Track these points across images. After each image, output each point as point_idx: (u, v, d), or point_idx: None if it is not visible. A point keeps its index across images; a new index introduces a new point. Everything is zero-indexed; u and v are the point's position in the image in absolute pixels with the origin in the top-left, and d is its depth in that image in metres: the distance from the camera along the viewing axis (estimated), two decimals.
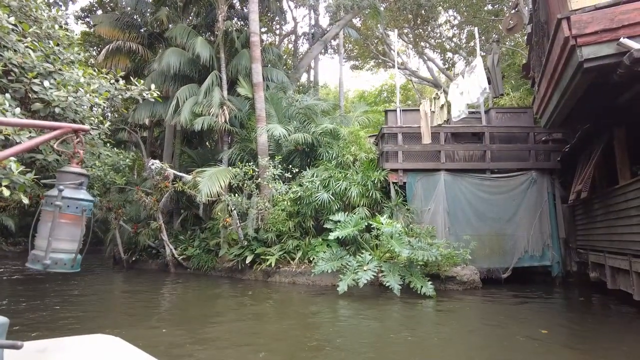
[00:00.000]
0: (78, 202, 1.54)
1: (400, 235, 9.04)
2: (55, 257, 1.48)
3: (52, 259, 1.47)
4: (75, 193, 1.55)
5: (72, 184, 1.56)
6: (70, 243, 1.54)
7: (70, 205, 1.52)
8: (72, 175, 1.58)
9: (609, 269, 7.71)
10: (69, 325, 6.44)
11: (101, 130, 6.74)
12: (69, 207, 1.52)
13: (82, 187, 1.59)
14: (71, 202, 1.52)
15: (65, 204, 1.50)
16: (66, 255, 1.52)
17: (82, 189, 1.59)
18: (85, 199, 1.57)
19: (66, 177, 1.57)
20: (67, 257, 1.53)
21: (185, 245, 13.72)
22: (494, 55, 10.43)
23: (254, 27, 13.36)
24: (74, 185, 1.56)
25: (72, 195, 1.54)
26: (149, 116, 16.03)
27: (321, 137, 12.94)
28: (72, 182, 1.56)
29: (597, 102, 6.99)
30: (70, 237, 1.53)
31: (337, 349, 5.12)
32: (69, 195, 1.52)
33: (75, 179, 1.58)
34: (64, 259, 1.51)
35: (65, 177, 1.57)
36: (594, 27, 5.12)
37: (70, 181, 1.56)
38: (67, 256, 1.53)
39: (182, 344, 5.30)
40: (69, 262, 1.53)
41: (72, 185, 1.56)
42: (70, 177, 1.57)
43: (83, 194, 1.58)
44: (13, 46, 4.97)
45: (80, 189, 1.58)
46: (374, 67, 28.97)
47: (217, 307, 8.21)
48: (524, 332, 5.77)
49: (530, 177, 10.38)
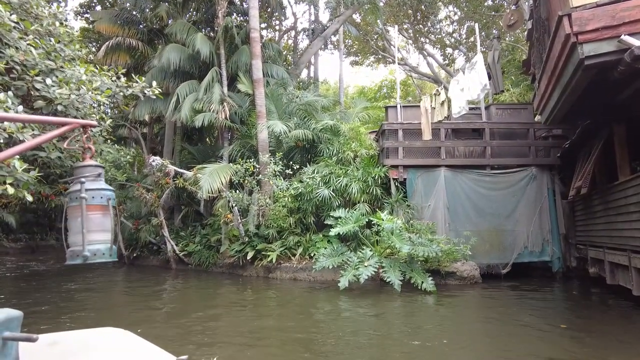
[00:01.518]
0: (102, 192, 1.57)
1: (401, 231, 9.08)
2: (92, 248, 1.51)
3: (90, 250, 1.50)
4: (97, 184, 1.58)
5: (91, 176, 1.58)
6: (104, 233, 1.57)
7: (95, 195, 1.55)
8: (90, 168, 1.60)
9: (608, 265, 7.75)
10: (72, 320, 6.49)
11: (102, 127, 6.76)
12: (94, 198, 1.54)
13: (100, 177, 1.62)
14: (95, 193, 1.55)
15: (90, 196, 1.52)
16: (102, 245, 1.55)
17: (101, 179, 1.62)
18: (107, 189, 1.60)
19: (84, 171, 1.59)
20: (104, 246, 1.56)
21: (187, 241, 13.76)
22: (494, 52, 10.43)
23: (254, 23, 13.33)
24: (93, 177, 1.59)
25: (94, 186, 1.56)
26: (149, 113, 16.01)
27: (321, 134, 12.95)
28: (91, 174, 1.59)
29: (597, 98, 7.00)
30: (102, 227, 1.56)
31: (338, 343, 5.17)
32: (92, 187, 1.55)
33: (93, 171, 1.60)
34: (102, 249, 1.54)
35: (83, 171, 1.59)
36: (595, 24, 5.12)
37: (89, 173, 1.59)
38: (103, 246, 1.56)
39: (184, 339, 5.34)
40: (106, 252, 1.56)
41: (92, 177, 1.58)
42: (87, 171, 1.60)
43: (104, 184, 1.61)
44: (15, 44, 4.97)
45: (99, 180, 1.61)
46: (374, 63, 28.89)
47: (218, 302, 8.26)
48: (524, 325, 5.83)
49: (530, 173, 10.41)
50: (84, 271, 13.04)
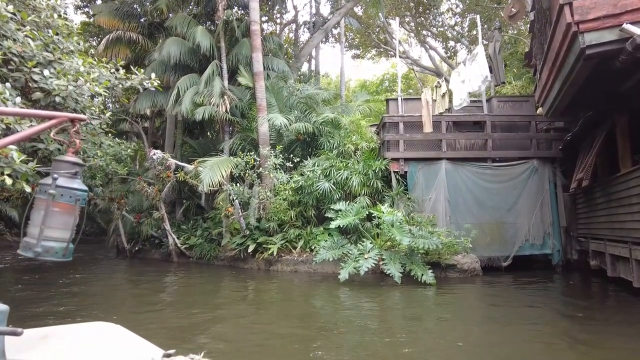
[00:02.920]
0: (72, 192, 1.53)
1: (401, 224, 9.07)
2: (46, 245, 1.48)
3: (43, 247, 1.47)
4: (70, 182, 1.54)
5: (67, 173, 1.55)
6: (63, 232, 1.53)
7: (64, 194, 1.51)
8: (67, 164, 1.57)
9: (609, 257, 7.74)
10: (72, 313, 6.53)
11: (102, 120, 6.76)
12: (62, 196, 1.51)
13: (77, 176, 1.58)
14: (65, 191, 1.51)
15: (59, 193, 1.49)
16: (58, 243, 1.51)
17: (77, 178, 1.58)
18: (79, 189, 1.56)
19: (61, 166, 1.56)
20: (58, 245, 1.52)
21: (188, 234, 13.79)
22: (495, 43, 10.35)
23: (255, 15, 13.25)
24: (68, 174, 1.55)
25: (66, 184, 1.53)
26: (150, 106, 15.99)
27: (322, 127, 12.92)
28: (67, 171, 1.55)
29: (599, 89, 6.95)
30: (62, 225, 1.52)
31: (338, 335, 5.18)
32: (63, 184, 1.51)
33: (70, 168, 1.57)
34: (56, 247, 1.51)
35: (60, 166, 1.56)
36: (596, 13, 5.07)
37: (65, 170, 1.55)
38: (58, 245, 1.52)
39: (186, 331, 5.37)
40: (60, 251, 1.52)
41: (67, 175, 1.54)
42: (65, 166, 1.56)
43: (77, 184, 1.57)
44: (12, 35, 4.96)
45: (75, 179, 1.57)
46: (375, 56, 28.72)
47: (220, 295, 8.30)
48: (524, 318, 5.83)
49: (532, 165, 10.36)
50: (86, 264, 13.11)
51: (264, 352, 4.62)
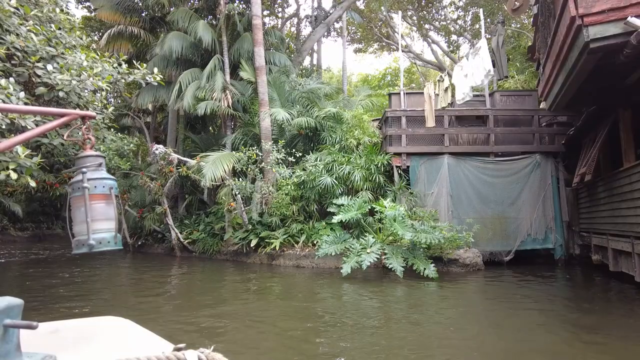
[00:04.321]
0: (104, 182, 1.59)
1: (404, 219, 9.09)
2: (97, 237, 1.53)
3: (95, 239, 1.52)
4: (98, 173, 1.60)
5: (92, 166, 1.60)
6: (108, 222, 1.59)
7: (97, 185, 1.57)
8: (91, 159, 1.62)
9: (612, 252, 7.74)
10: (76, 307, 6.58)
11: (105, 115, 6.77)
12: (96, 188, 1.56)
13: (101, 167, 1.64)
14: (97, 182, 1.57)
15: (92, 185, 1.55)
16: (107, 233, 1.57)
17: (102, 169, 1.64)
18: (108, 178, 1.62)
19: (85, 162, 1.61)
20: (108, 235, 1.58)
21: (191, 229, 13.85)
22: (498, 37, 10.29)
23: (256, 9, 13.20)
24: (94, 166, 1.61)
25: (96, 175, 1.59)
26: (152, 101, 16.00)
27: (324, 121, 12.91)
28: (92, 164, 1.61)
29: (602, 83, 6.92)
30: (105, 216, 1.58)
31: (340, 328, 5.21)
32: (94, 176, 1.57)
33: (94, 161, 1.62)
34: (106, 237, 1.57)
35: (84, 161, 1.61)
36: (601, 6, 5.03)
37: (90, 164, 1.61)
38: (108, 234, 1.58)
39: (191, 326, 5.41)
40: (112, 240, 1.58)
41: (93, 167, 1.60)
42: (89, 160, 1.62)
43: (105, 174, 1.63)
44: (15, 30, 4.97)
45: (100, 170, 1.63)
46: (377, 50, 28.62)
47: (223, 289, 8.35)
48: (526, 312, 5.85)
49: (534, 160, 10.34)
50: (89, 259, 13.18)
51: (268, 346, 4.65)
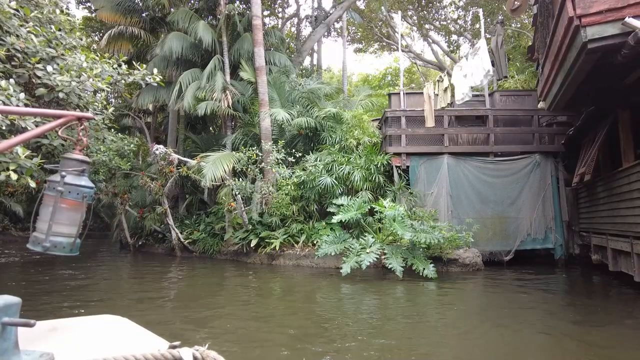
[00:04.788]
0: (79, 189, 1.58)
1: (403, 219, 9.10)
2: (54, 240, 1.53)
3: (51, 241, 1.52)
4: (77, 180, 1.59)
5: (74, 171, 1.59)
6: (70, 227, 1.58)
7: (72, 191, 1.56)
8: (75, 162, 1.61)
9: (611, 251, 7.75)
10: (76, 307, 6.60)
11: (105, 115, 6.80)
12: (70, 193, 1.55)
13: (84, 174, 1.63)
14: (72, 188, 1.56)
15: (66, 190, 1.54)
16: (65, 239, 1.57)
17: (84, 175, 1.62)
18: (86, 186, 1.61)
19: (69, 164, 1.60)
20: (66, 240, 1.57)
21: (191, 229, 13.87)
22: (497, 37, 10.30)
23: (256, 10, 13.22)
24: (76, 172, 1.60)
25: (74, 181, 1.57)
26: (153, 101, 16.03)
27: (324, 122, 12.92)
28: (74, 168, 1.60)
29: (601, 83, 6.93)
30: (70, 221, 1.57)
31: (340, 328, 5.23)
32: (71, 182, 1.56)
33: (78, 166, 1.61)
34: (63, 242, 1.56)
35: (68, 164, 1.60)
36: (599, 7, 5.05)
37: (73, 168, 1.60)
38: (66, 240, 1.57)
39: (190, 324, 5.43)
40: (67, 246, 1.57)
41: (75, 172, 1.59)
42: (72, 164, 1.61)
43: (84, 181, 1.61)
44: (15, 31, 4.98)
45: (82, 176, 1.61)
46: (377, 50, 28.62)
47: (223, 289, 8.36)
48: (526, 312, 5.86)
49: (534, 160, 10.36)
50: (90, 258, 13.21)
51: (266, 345, 4.67)
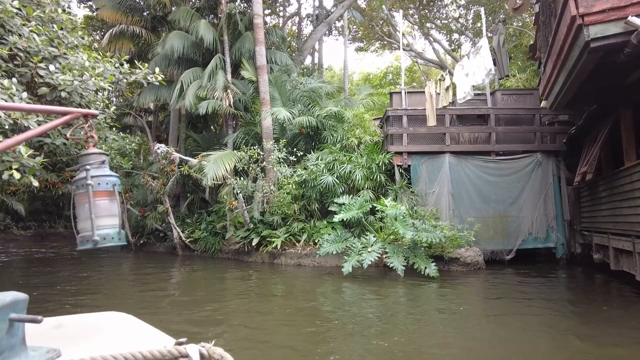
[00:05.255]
0: (107, 179, 1.61)
1: (405, 218, 9.10)
2: (101, 233, 1.55)
3: (99, 235, 1.54)
4: (101, 171, 1.62)
5: (95, 163, 1.62)
6: (111, 218, 1.61)
7: (101, 182, 1.59)
8: (94, 156, 1.64)
9: (613, 251, 7.74)
10: (80, 305, 6.62)
11: (107, 114, 6.81)
12: (99, 185, 1.58)
13: (104, 165, 1.66)
14: (101, 180, 1.59)
15: (95, 182, 1.57)
16: (111, 229, 1.60)
17: (105, 166, 1.66)
18: (112, 175, 1.64)
19: (88, 159, 1.63)
20: (112, 231, 1.60)
21: (192, 228, 13.89)
22: (499, 36, 10.27)
23: (257, 8, 13.21)
24: (97, 164, 1.62)
25: (99, 173, 1.60)
26: (154, 100, 16.04)
27: (325, 120, 12.92)
28: (95, 161, 1.63)
29: (603, 82, 6.91)
30: (109, 212, 1.60)
31: (342, 327, 5.24)
32: (97, 174, 1.59)
33: (97, 159, 1.64)
34: (111, 232, 1.59)
35: (86, 160, 1.63)
36: (601, 6, 5.03)
37: (93, 161, 1.62)
38: (112, 230, 1.60)
39: (192, 322, 5.44)
40: (115, 236, 1.60)
41: (96, 165, 1.62)
42: (91, 158, 1.63)
43: (108, 171, 1.65)
44: (18, 30, 4.99)
45: (103, 167, 1.65)
46: (379, 49, 28.60)
47: (224, 287, 8.38)
48: (527, 311, 5.87)
49: (536, 159, 10.34)
50: (92, 257, 13.24)
51: (268, 343, 4.68)
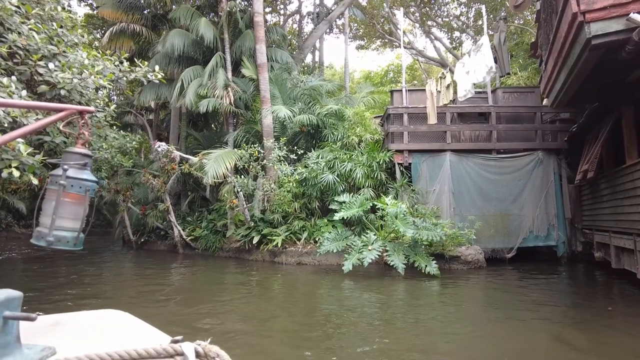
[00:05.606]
0: (82, 182, 1.56)
1: (405, 216, 9.09)
2: (58, 234, 1.51)
3: (55, 236, 1.50)
4: (80, 173, 1.57)
5: (76, 164, 1.57)
6: (74, 222, 1.56)
7: (74, 184, 1.54)
8: (77, 156, 1.59)
9: (614, 249, 7.72)
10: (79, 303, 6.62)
11: (107, 113, 6.80)
12: (72, 187, 1.54)
13: (86, 167, 1.61)
14: (75, 182, 1.54)
15: (69, 183, 1.52)
16: (69, 233, 1.55)
17: (86, 169, 1.61)
18: (89, 179, 1.59)
19: (71, 158, 1.59)
20: (70, 234, 1.55)
21: (193, 226, 13.89)
22: (500, 34, 10.24)
23: (258, 6, 13.18)
24: (78, 165, 1.58)
25: (76, 175, 1.55)
26: (154, 98, 16.03)
27: (326, 119, 12.90)
28: (76, 162, 1.58)
29: (605, 80, 6.88)
30: (73, 215, 1.55)
31: (342, 325, 5.23)
32: (73, 175, 1.54)
33: (80, 160, 1.59)
34: (67, 236, 1.54)
35: (70, 158, 1.59)
36: (603, 2, 5.00)
37: (75, 161, 1.58)
38: (70, 234, 1.55)
39: (191, 320, 5.44)
40: (71, 240, 1.56)
41: (77, 166, 1.57)
42: (75, 158, 1.59)
43: (87, 175, 1.59)
44: (17, 28, 4.98)
45: (84, 170, 1.60)
46: (380, 47, 28.51)
47: (225, 286, 8.38)
48: (528, 310, 5.85)
49: (537, 157, 10.32)
50: (92, 255, 13.26)
51: (267, 341, 4.68)
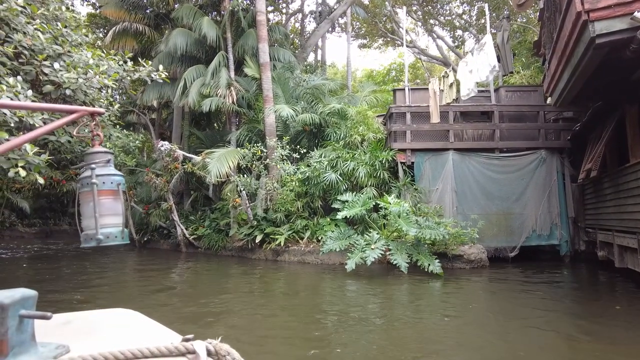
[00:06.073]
0: (112, 177, 1.62)
1: (408, 215, 9.10)
2: (105, 231, 1.57)
3: (103, 234, 1.56)
4: (106, 170, 1.63)
5: (101, 162, 1.63)
6: (115, 217, 1.62)
7: (105, 181, 1.60)
8: (99, 155, 1.65)
9: (617, 248, 7.70)
10: (85, 301, 6.67)
11: (111, 112, 6.83)
12: (104, 184, 1.59)
13: (109, 164, 1.66)
14: (105, 179, 1.60)
15: (100, 181, 1.58)
16: (114, 228, 1.61)
17: (110, 165, 1.66)
18: (116, 174, 1.65)
19: (93, 158, 1.64)
20: (115, 230, 1.61)
21: (196, 225, 13.94)
22: (503, 32, 10.21)
23: (260, 5, 13.19)
24: (102, 163, 1.63)
25: (104, 172, 1.61)
26: (157, 98, 16.07)
27: (329, 118, 12.91)
28: (100, 160, 1.63)
29: (609, 79, 6.86)
30: (113, 211, 1.61)
31: (345, 325, 5.25)
32: (102, 173, 1.60)
33: (103, 157, 1.65)
34: (114, 232, 1.60)
35: (92, 158, 1.64)
36: (607, 1, 4.98)
37: (99, 159, 1.63)
38: (116, 229, 1.61)
39: (197, 319, 5.47)
40: (119, 235, 1.61)
41: (101, 164, 1.62)
42: (98, 157, 1.64)
43: (113, 170, 1.66)
44: (22, 28, 5.01)
45: (109, 166, 1.65)
46: (382, 45, 28.46)
47: (228, 284, 8.42)
48: (532, 309, 5.86)
49: (540, 156, 10.30)
50: (96, 254, 13.31)
51: (272, 339, 4.70)
